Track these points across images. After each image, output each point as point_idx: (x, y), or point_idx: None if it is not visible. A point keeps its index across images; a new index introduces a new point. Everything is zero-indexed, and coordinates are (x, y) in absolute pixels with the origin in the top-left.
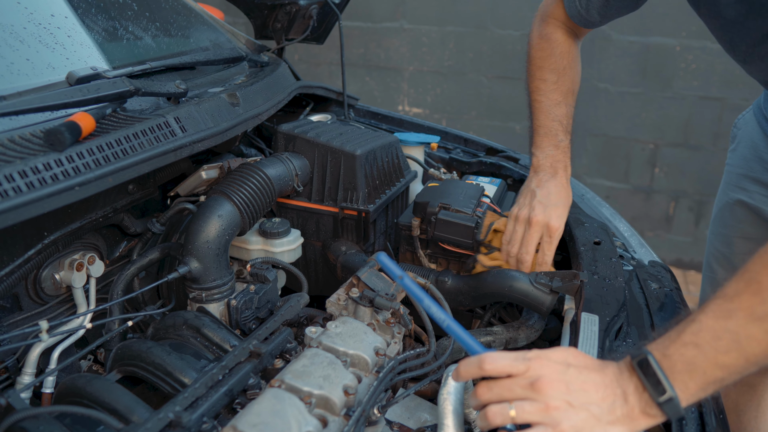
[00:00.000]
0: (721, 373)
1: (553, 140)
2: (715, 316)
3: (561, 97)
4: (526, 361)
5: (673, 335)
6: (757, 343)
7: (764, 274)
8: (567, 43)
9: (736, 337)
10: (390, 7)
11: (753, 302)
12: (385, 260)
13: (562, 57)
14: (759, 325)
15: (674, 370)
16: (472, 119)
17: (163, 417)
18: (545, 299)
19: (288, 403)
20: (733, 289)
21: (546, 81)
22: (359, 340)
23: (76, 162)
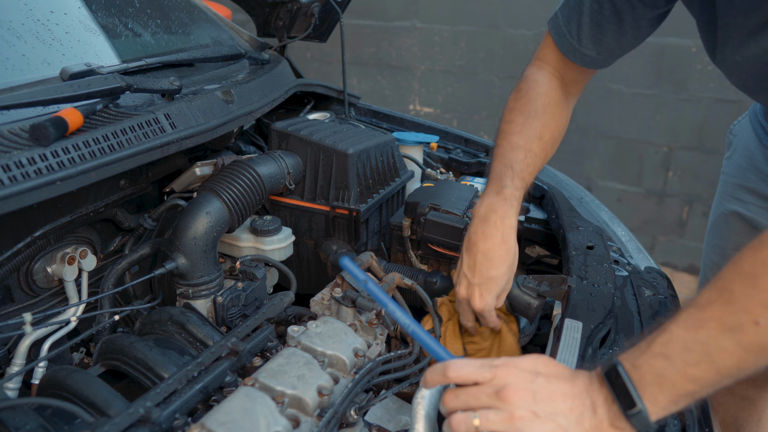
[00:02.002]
0: (692, 386)
1: (496, 186)
2: (686, 326)
3: (522, 141)
4: (492, 369)
5: (643, 345)
6: (728, 356)
7: (737, 283)
8: (546, 86)
9: (707, 349)
10: (402, 5)
11: (724, 312)
12: (348, 264)
13: (536, 99)
14: (730, 337)
15: (643, 382)
16: (483, 119)
17: (133, 412)
18: (532, 303)
19: (259, 403)
20: (705, 298)
21: (511, 123)
22: (339, 340)
23: (61, 157)
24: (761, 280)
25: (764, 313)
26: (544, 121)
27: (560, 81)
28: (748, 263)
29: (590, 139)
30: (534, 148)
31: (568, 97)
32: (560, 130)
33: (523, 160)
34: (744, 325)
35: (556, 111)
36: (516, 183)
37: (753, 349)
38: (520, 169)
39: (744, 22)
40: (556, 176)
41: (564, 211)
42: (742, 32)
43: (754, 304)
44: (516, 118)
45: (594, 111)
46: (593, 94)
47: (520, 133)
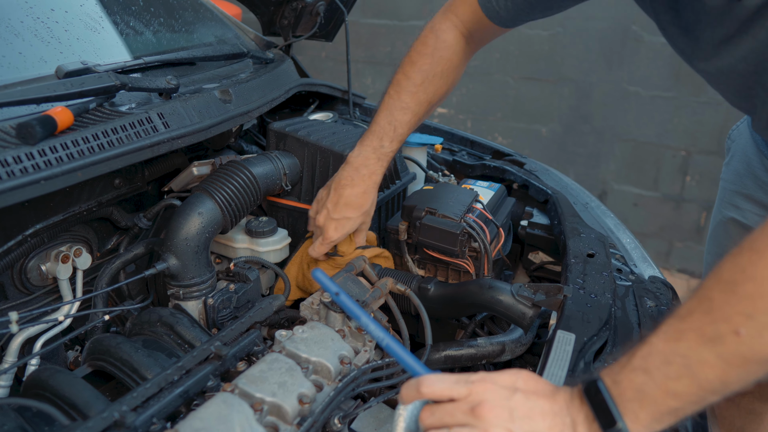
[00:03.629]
0: (675, 402)
1: (375, 142)
2: (666, 337)
3: (413, 104)
4: (468, 385)
5: (624, 360)
6: (710, 369)
7: (716, 291)
8: (452, 49)
9: (687, 362)
10: (417, 5)
11: (703, 322)
12: (320, 276)
13: (438, 62)
14: (710, 348)
15: (624, 399)
16: (498, 120)
17: (108, 416)
18: (527, 313)
19: (236, 409)
20: (686, 308)
21: (408, 80)
22: (324, 346)
23: (48, 156)
24: (740, 287)
25: (745, 323)
26: (438, 86)
27: (466, 40)
28: (728, 270)
29: (607, 141)
30: (420, 112)
31: (469, 56)
32: (449, 91)
33: (407, 122)
34: (724, 335)
35: (452, 75)
36: (393, 145)
37: (735, 362)
38: (401, 132)
39: (712, 34)
40: (562, 180)
41: (567, 217)
42: (712, 44)
43: (734, 313)
44: (414, 75)
45: (611, 113)
46: (610, 95)
47: (413, 94)
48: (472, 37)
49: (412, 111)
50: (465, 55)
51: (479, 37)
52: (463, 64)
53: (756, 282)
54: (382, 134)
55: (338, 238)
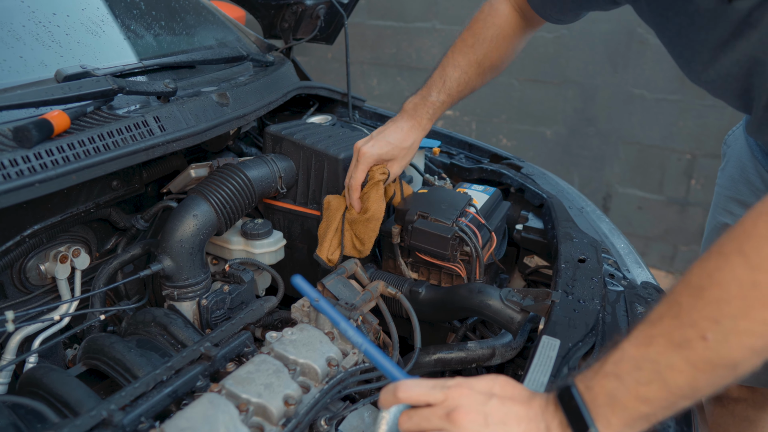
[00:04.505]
0: (646, 407)
1: (425, 91)
2: (637, 343)
3: (463, 62)
4: (444, 390)
5: (597, 365)
6: (679, 374)
7: (684, 296)
8: (503, 18)
9: (657, 367)
10: (422, 7)
11: (672, 327)
12: (300, 283)
13: (489, 27)
14: (679, 354)
15: (596, 404)
16: (502, 122)
17: (96, 414)
18: (515, 317)
19: (221, 410)
20: (657, 313)
21: (463, 40)
22: (312, 348)
23: (44, 159)
24: (707, 292)
25: (711, 327)
26: (488, 51)
27: (520, 15)
28: (696, 275)
29: (611, 144)
30: (470, 72)
31: (524, 31)
32: (502, 60)
33: (457, 78)
34: (692, 340)
35: (502, 44)
36: (441, 96)
37: (703, 367)
38: (450, 86)
39: (706, 38)
40: (558, 185)
41: (560, 222)
42: (708, 49)
43: (701, 318)
44: (467, 37)
45: (615, 116)
46: (614, 98)
47: (464, 54)
48: (524, 15)
49: (461, 68)
50: (518, 28)
51: (531, 17)
52: (517, 35)
53: (722, 287)
54: (431, 85)
55: (371, 154)
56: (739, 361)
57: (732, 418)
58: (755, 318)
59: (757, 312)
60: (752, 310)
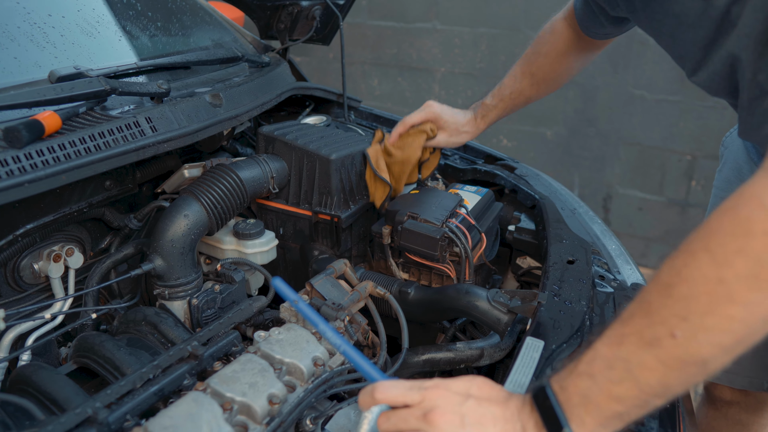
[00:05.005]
0: (618, 406)
1: (487, 97)
2: (609, 342)
3: (519, 73)
4: (421, 391)
5: (572, 365)
6: (650, 373)
7: (654, 294)
8: (557, 35)
9: (628, 366)
10: (423, 7)
11: (642, 325)
12: (279, 285)
13: (544, 42)
14: (649, 352)
15: (570, 404)
16: (503, 123)
17: (81, 412)
18: (502, 318)
19: (205, 408)
20: (629, 312)
21: (525, 54)
22: (299, 348)
23: (35, 159)
24: (675, 290)
25: (680, 325)
26: (542, 64)
27: (575, 33)
28: (665, 273)
29: (611, 145)
30: (524, 82)
31: (580, 49)
32: (557, 74)
33: (510, 86)
34: (661, 338)
35: (556, 59)
36: (494, 101)
37: (673, 365)
38: (502, 93)
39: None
40: (552, 186)
41: (551, 223)
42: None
43: (670, 315)
44: (529, 51)
45: (616, 117)
46: (615, 99)
47: (521, 66)
48: (579, 34)
49: (515, 77)
50: (572, 45)
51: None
52: (571, 52)
53: (689, 283)
54: (493, 91)
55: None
56: (709, 359)
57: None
58: (721, 314)
59: (723, 308)
60: (718, 306)
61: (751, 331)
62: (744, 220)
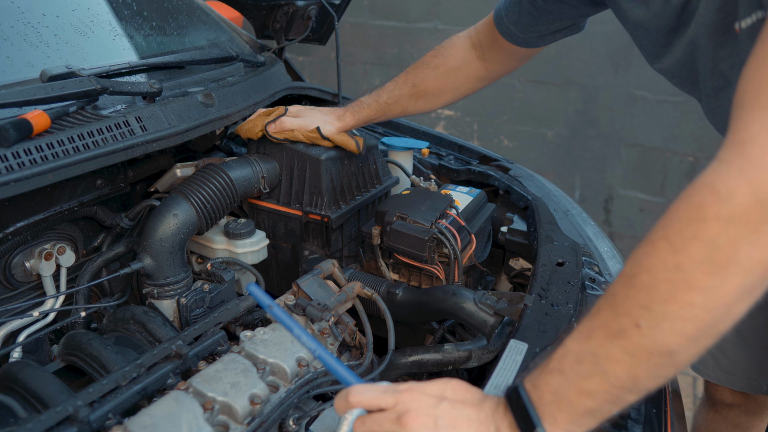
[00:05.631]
0: (590, 402)
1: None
2: (578, 337)
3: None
4: (395, 394)
5: (544, 363)
6: (618, 365)
7: (620, 285)
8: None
9: (596, 359)
10: (424, 7)
11: (608, 317)
12: (254, 290)
13: (437, 56)
14: (615, 343)
15: (543, 402)
16: (504, 123)
17: (62, 410)
18: (488, 320)
19: (185, 408)
20: (597, 306)
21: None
22: (283, 348)
23: (22, 158)
24: (637, 279)
25: (643, 314)
26: (426, 76)
27: (476, 52)
28: (629, 264)
29: (612, 146)
30: (403, 90)
31: (475, 69)
32: (440, 91)
33: (389, 90)
34: (627, 329)
35: (444, 74)
36: (369, 100)
37: (640, 356)
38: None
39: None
40: (545, 187)
41: (543, 224)
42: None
43: (633, 305)
44: (418, 61)
45: (617, 117)
46: (617, 99)
47: (407, 73)
48: (483, 51)
49: (397, 83)
50: (466, 63)
51: (493, 55)
52: (462, 70)
53: (650, 272)
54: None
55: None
56: (674, 349)
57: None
58: (682, 301)
59: (683, 295)
60: (678, 293)
61: (713, 318)
62: (697, 207)
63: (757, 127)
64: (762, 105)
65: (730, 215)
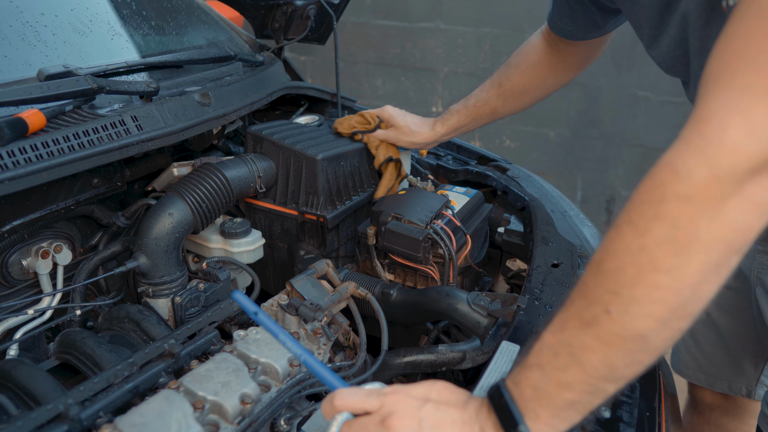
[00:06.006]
0: (569, 394)
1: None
2: (554, 329)
3: (488, 83)
4: (380, 397)
5: (523, 360)
6: (593, 353)
7: (589, 273)
8: (528, 46)
9: (571, 350)
10: (426, 7)
11: (580, 306)
12: (239, 297)
13: (518, 54)
14: (588, 332)
15: (524, 398)
16: (506, 124)
17: (52, 408)
18: (481, 322)
19: (175, 406)
20: (570, 297)
21: (500, 67)
22: (275, 348)
23: (17, 156)
24: (605, 265)
25: (613, 300)
26: (510, 74)
27: (550, 46)
28: (597, 251)
29: (615, 147)
30: (490, 92)
31: (552, 62)
32: (525, 87)
33: (477, 95)
34: (598, 316)
35: (526, 70)
36: (458, 106)
37: (612, 342)
38: (468, 100)
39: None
40: (543, 188)
41: (539, 225)
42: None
43: (603, 292)
44: (502, 64)
45: (619, 118)
46: (619, 100)
47: (492, 76)
48: (556, 43)
49: (484, 87)
50: (544, 57)
51: (563, 46)
52: (542, 64)
53: (616, 256)
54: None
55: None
56: (646, 333)
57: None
58: (647, 283)
59: (648, 276)
60: (643, 275)
61: (682, 299)
62: (658, 186)
63: (715, 104)
64: (723, 82)
65: (689, 193)
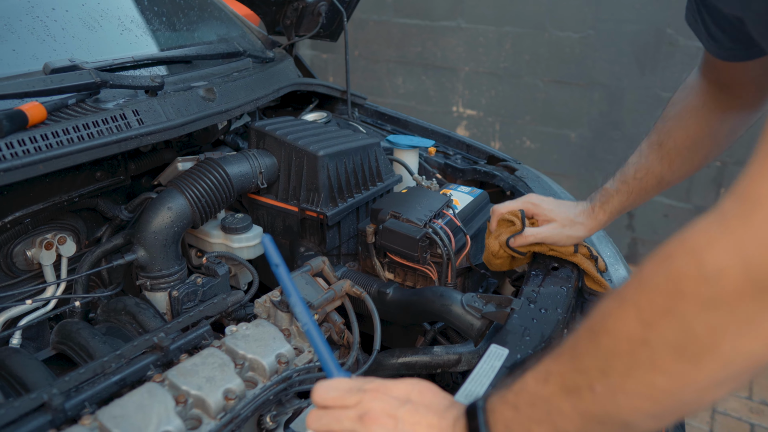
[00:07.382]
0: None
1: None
2: (537, 376)
3: (645, 146)
4: (360, 393)
5: (506, 390)
6: (569, 422)
7: (583, 337)
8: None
9: (548, 408)
10: (448, 5)
11: (567, 368)
12: (267, 243)
13: (676, 103)
14: (568, 399)
15: (495, 429)
16: (526, 124)
17: (36, 398)
18: (474, 324)
19: (157, 400)
20: (561, 348)
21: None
22: (264, 345)
23: (16, 148)
24: (600, 339)
25: (600, 379)
26: (669, 128)
27: (712, 83)
28: (595, 316)
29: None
30: (650, 156)
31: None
32: (692, 141)
33: (634, 164)
34: (581, 389)
35: (689, 118)
36: (615, 183)
37: (591, 419)
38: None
39: None
40: (551, 188)
41: None
42: None
43: (592, 366)
44: (657, 121)
45: (643, 120)
46: (642, 101)
47: (648, 137)
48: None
49: (641, 152)
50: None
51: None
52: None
53: (613, 337)
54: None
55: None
56: (631, 422)
57: None
58: (642, 380)
59: (643, 374)
60: (639, 371)
61: (681, 402)
62: (675, 274)
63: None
64: None
65: (714, 298)
